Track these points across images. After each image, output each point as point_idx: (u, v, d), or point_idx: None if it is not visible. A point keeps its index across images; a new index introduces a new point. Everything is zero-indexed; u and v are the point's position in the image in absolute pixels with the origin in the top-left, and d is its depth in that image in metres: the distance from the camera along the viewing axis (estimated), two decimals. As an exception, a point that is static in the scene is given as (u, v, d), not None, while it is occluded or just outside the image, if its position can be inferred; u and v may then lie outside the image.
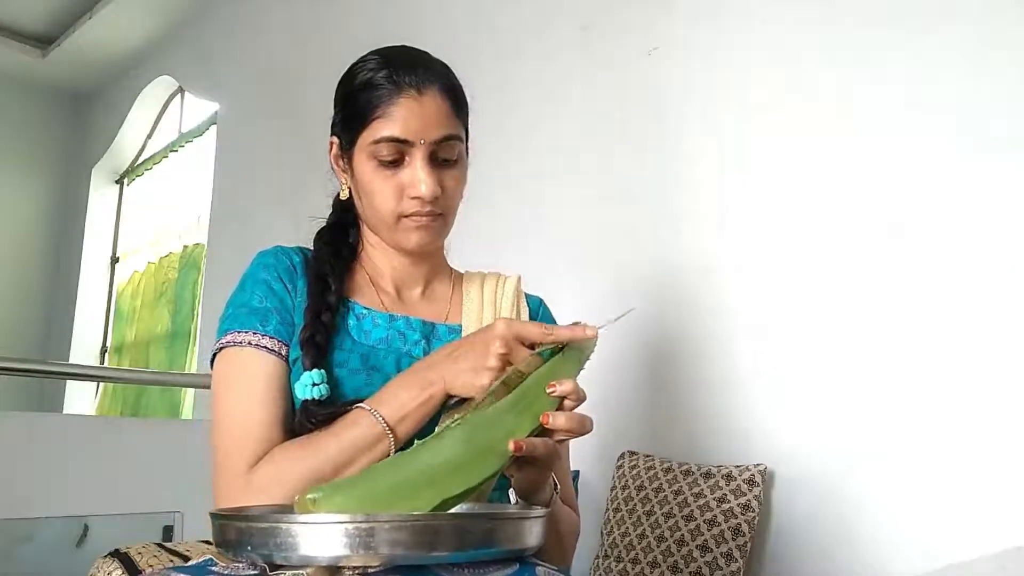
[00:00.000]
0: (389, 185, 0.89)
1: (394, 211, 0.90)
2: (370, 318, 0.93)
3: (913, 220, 1.36)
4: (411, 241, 0.92)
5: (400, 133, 0.87)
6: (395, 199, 0.89)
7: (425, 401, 0.80)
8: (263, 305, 0.88)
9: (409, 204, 0.89)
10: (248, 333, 0.86)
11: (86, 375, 3.64)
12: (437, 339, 0.95)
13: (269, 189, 3.10)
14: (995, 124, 1.29)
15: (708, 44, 1.73)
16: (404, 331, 0.94)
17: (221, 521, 0.64)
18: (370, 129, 0.89)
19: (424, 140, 0.88)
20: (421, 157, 0.88)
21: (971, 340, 1.27)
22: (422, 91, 0.88)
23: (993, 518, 1.20)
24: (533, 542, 0.68)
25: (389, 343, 0.92)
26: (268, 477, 0.78)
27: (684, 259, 1.67)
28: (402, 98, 0.88)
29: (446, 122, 0.89)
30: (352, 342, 0.90)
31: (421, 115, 0.87)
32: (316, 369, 0.83)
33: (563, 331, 0.81)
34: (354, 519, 0.58)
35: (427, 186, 0.87)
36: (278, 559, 0.60)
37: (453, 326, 0.97)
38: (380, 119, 0.88)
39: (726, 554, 1.36)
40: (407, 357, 0.91)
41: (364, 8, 2.79)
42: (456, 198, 0.93)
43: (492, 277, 1.04)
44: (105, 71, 4.44)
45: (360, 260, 1.00)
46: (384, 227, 0.93)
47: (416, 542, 0.59)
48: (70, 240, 4.61)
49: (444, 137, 0.89)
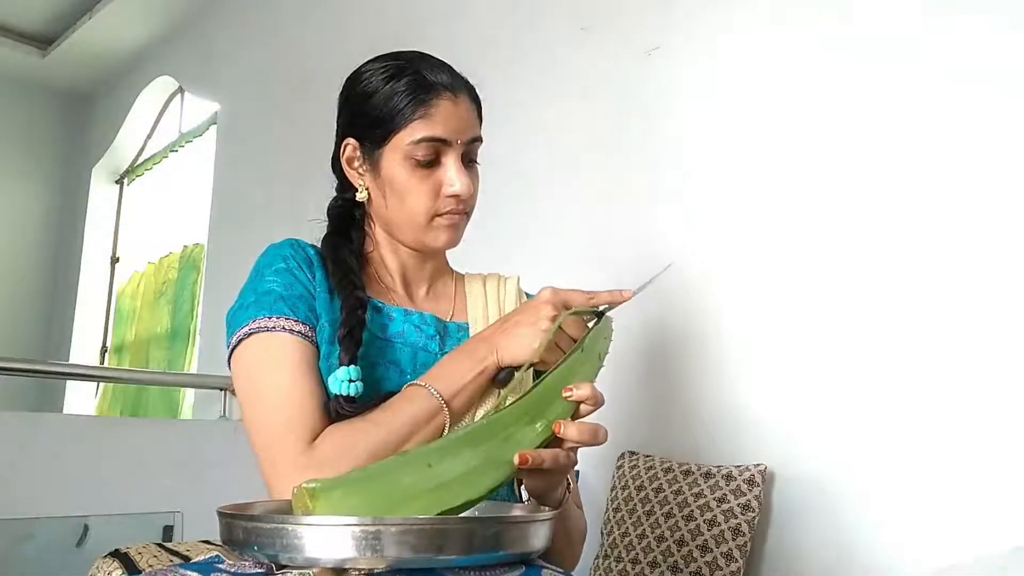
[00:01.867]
0: (425, 185, 0.91)
1: (429, 210, 0.92)
2: (386, 312, 0.94)
3: (913, 220, 1.36)
4: (440, 240, 0.94)
5: (441, 133, 0.90)
6: (431, 198, 0.91)
7: (480, 374, 0.84)
8: (290, 292, 0.87)
9: (445, 203, 0.92)
10: (280, 319, 0.84)
11: (86, 375, 3.65)
12: (448, 335, 0.97)
13: (269, 189, 3.10)
14: (995, 124, 1.29)
15: (708, 44, 1.73)
16: (419, 325, 0.95)
17: (228, 520, 0.64)
18: (408, 130, 0.90)
19: (460, 140, 0.91)
20: (455, 157, 0.91)
21: (971, 340, 1.27)
22: (457, 93, 0.92)
23: (993, 518, 1.20)
24: (539, 545, 0.67)
25: (405, 337, 0.93)
26: (334, 449, 0.77)
27: (685, 259, 1.67)
28: (441, 100, 0.90)
29: (476, 124, 0.94)
30: (370, 335, 0.90)
31: (457, 116, 0.91)
32: (353, 365, 0.82)
33: (603, 295, 0.89)
34: (361, 522, 0.58)
35: (463, 185, 0.91)
36: (284, 559, 0.60)
37: (461, 324, 0.99)
38: (420, 120, 0.89)
39: (726, 554, 1.36)
40: (423, 352, 0.93)
41: (364, 9, 2.79)
42: (476, 196, 0.97)
43: (493, 277, 1.07)
44: (105, 71, 4.44)
45: (367, 259, 1.01)
46: (412, 227, 0.93)
47: (422, 545, 0.59)
48: (70, 240, 4.60)
49: (475, 138, 0.94)
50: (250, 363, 0.84)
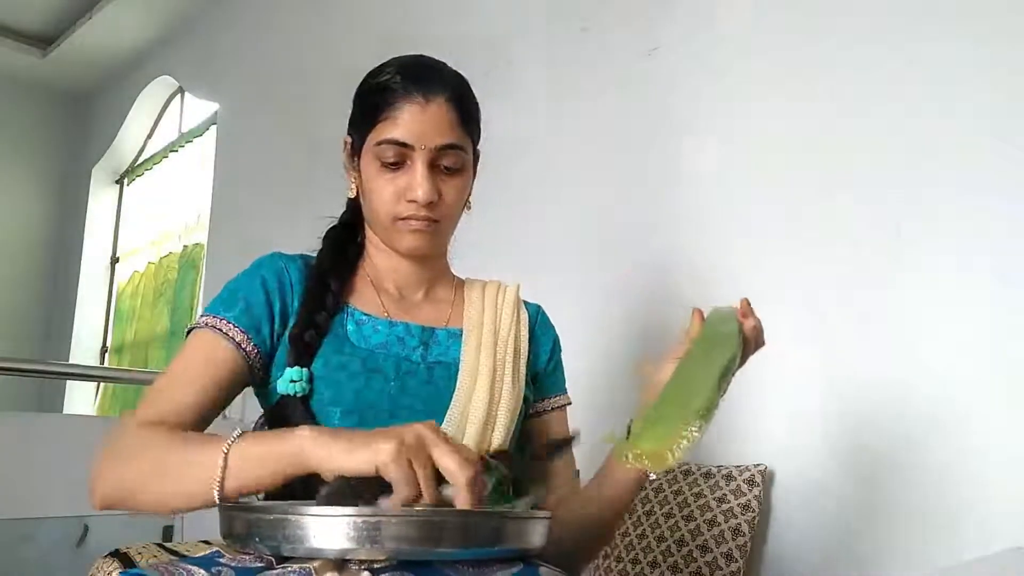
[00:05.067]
0: (388, 187, 0.91)
1: (391, 213, 0.92)
2: (370, 324, 0.94)
3: (915, 220, 1.36)
4: (404, 245, 0.94)
5: (401, 136, 0.89)
6: (393, 201, 0.91)
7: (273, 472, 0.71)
8: (248, 300, 0.91)
9: (405, 207, 0.91)
10: (221, 320, 0.89)
11: (86, 375, 3.65)
12: (436, 344, 0.97)
13: (269, 189, 3.10)
14: (997, 125, 1.29)
15: (708, 44, 1.73)
16: (403, 336, 0.95)
17: (230, 513, 0.65)
18: (376, 131, 0.91)
19: (425, 146, 0.90)
20: (422, 162, 0.90)
21: (971, 340, 1.27)
22: (429, 99, 0.90)
23: (993, 518, 1.20)
24: (537, 542, 0.68)
25: (388, 348, 0.93)
26: (126, 446, 0.80)
27: (685, 259, 1.67)
28: (408, 103, 0.90)
29: (449, 131, 0.91)
30: (352, 347, 0.91)
31: (424, 121, 0.90)
32: (299, 367, 0.86)
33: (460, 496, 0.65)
34: (360, 512, 0.59)
35: (423, 191, 0.89)
36: (285, 551, 0.61)
37: (453, 330, 0.99)
38: (385, 121, 0.90)
39: (726, 554, 1.36)
40: (406, 361, 0.93)
41: (364, 9, 2.79)
42: (455, 207, 0.95)
43: (493, 284, 1.06)
44: (105, 71, 4.44)
45: (365, 261, 1.02)
46: (381, 228, 0.96)
47: (421, 537, 0.59)
48: (70, 240, 4.60)
49: (446, 145, 0.91)
50: (190, 346, 0.90)
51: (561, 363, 1.10)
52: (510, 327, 1.01)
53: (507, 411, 0.93)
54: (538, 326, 1.08)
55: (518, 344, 1.01)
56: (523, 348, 1.01)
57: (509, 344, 0.99)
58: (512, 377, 0.96)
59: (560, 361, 1.09)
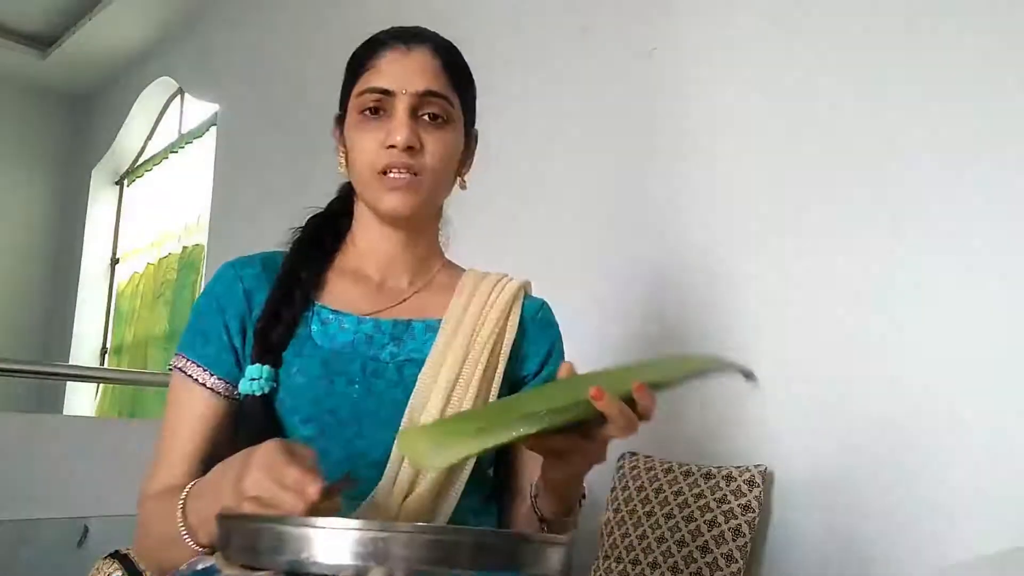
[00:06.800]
0: (371, 137, 0.88)
1: (372, 164, 0.88)
2: (336, 322, 0.90)
3: (915, 219, 1.36)
4: (385, 201, 0.88)
5: (383, 83, 0.88)
6: (374, 151, 0.88)
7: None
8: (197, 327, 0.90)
9: (386, 155, 0.87)
10: (198, 368, 0.87)
11: (86, 376, 3.65)
12: (412, 338, 0.91)
13: (269, 190, 3.09)
14: (997, 124, 1.29)
15: (708, 44, 1.73)
16: (372, 334, 0.90)
17: (227, 523, 0.62)
18: (358, 84, 0.91)
19: (406, 91, 0.87)
20: (402, 109, 0.87)
21: (972, 340, 1.27)
22: (410, 46, 0.90)
23: (993, 518, 1.20)
24: (555, 568, 0.63)
25: (355, 347, 0.88)
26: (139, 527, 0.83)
27: (685, 259, 1.67)
28: (389, 51, 0.90)
29: (432, 78, 0.89)
30: (314, 347, 0.87)
31: (405, 65, 0.89)
32: (262, 364, 0.84)
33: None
34: (370, 526, 0.56)
35: (402, 136, 0.86)
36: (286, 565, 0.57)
37: (431, 322, 0.92)
38: (367, 72, 0.90)
39: (727, 555, 1.36)
40: (373, 361, 0.88)
41: (364, 9, 2.79)
42: (440, 161, 0.89)
43: (494, 277, 0.99)
44: (105, 72, 4.44)
45: (347, 247, 0.97)
46: (364, 186, 0.91)
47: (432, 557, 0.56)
48: (70, 241, 4.60)
49: (428, 91, 0.88)
50: (170, 393, 0.89)
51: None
52: (495, 324, 0.92)
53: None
54: (534, 323, 0.98)
55: (499, 343, 0.92)
56: (504, 349, 0.92)
57: (488, 343, 0.90)
58: (480, 381, 0.88)
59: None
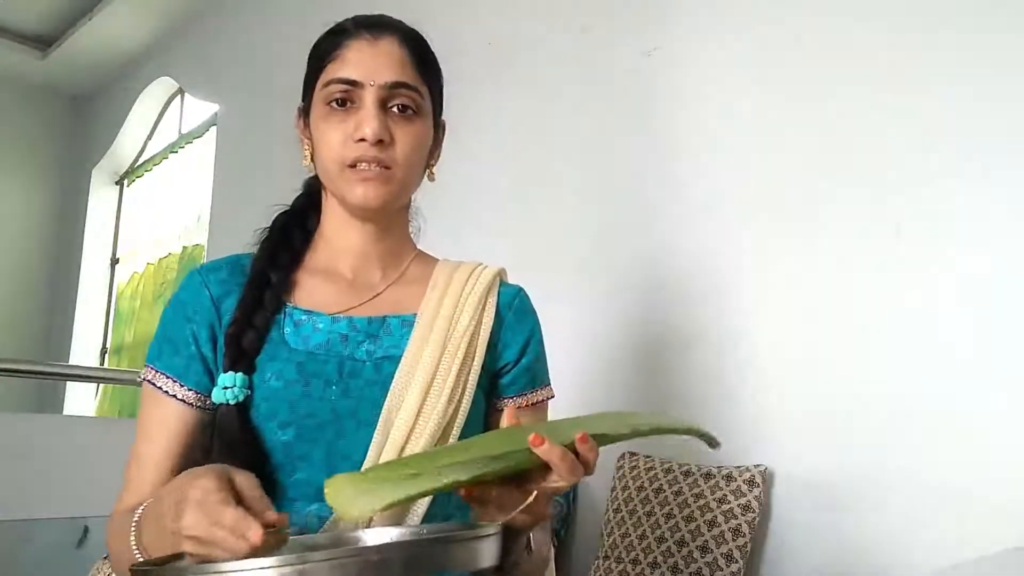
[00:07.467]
0: (338, 129, 0.86)
1: (341, 157, 0.86)
2: (309, 323, 0.87)
3: (915, 220, 1.36)
4: (355, 195, 0.86)
5: (349, 74, 0.86)
6: (341, 144, 0.85)
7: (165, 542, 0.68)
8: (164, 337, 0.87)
9: (354, 149, 0.85)
10: (168, 379, 0.85)
11: (86, 376, 3.65)
12: (388, 334, 0.89)
13: (269, 190, 3.08)
14: (997, 124, 1.29)
15: (708, 44, 1.73)
16: (347, 333, 0.87)
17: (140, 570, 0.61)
18: (324, 74, 0.88)
19: (375, 82, 0.85)
20: (372, 101, 0.85)
21: (972, 340, 1.27)
22: (377, 37, 0.88)
23: (993, 518, 1.20)
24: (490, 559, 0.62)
25: (330, 348, 0.86)
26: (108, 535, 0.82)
27: (684, 259, 1.67)
28: (355, 41, 0.88)
29: (400, 69, 0.87)
30: (288, 350, 0.85)
31: (373, 56, 0.87)
32: (235, 372, 0.82)
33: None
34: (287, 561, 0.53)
35: (371, 128, 0.83)
36: None
37: (407, 317, 0.90)
38: (333, 62, 0.88)
39: (726, 555, 1.36)
40: (350, 361, 0.85)
41: (363, 9, 2.78)
42: (410, 154, 0.87)
43: (468, 266, 0.96)
44: (105, 72, 4.44)
45: (316, 243, 0.95)
46: (331, 180, 0.89)
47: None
48: (70, 241, 4.60)
49: (397, 82, 0.86)
50: (141, 405, 0.87)
51: (542, 354, 0.96)
52: (471, 317, 0.89)
53: (437, 417, 0.82)
54: (511, 312, 0.94)
55: (475, 336, 0.89)
56: (481, 341, 0.89)
57: (465, 336, 0.88)
58: (457, 376, 0.86)
59: (540, 353, 0.96)
